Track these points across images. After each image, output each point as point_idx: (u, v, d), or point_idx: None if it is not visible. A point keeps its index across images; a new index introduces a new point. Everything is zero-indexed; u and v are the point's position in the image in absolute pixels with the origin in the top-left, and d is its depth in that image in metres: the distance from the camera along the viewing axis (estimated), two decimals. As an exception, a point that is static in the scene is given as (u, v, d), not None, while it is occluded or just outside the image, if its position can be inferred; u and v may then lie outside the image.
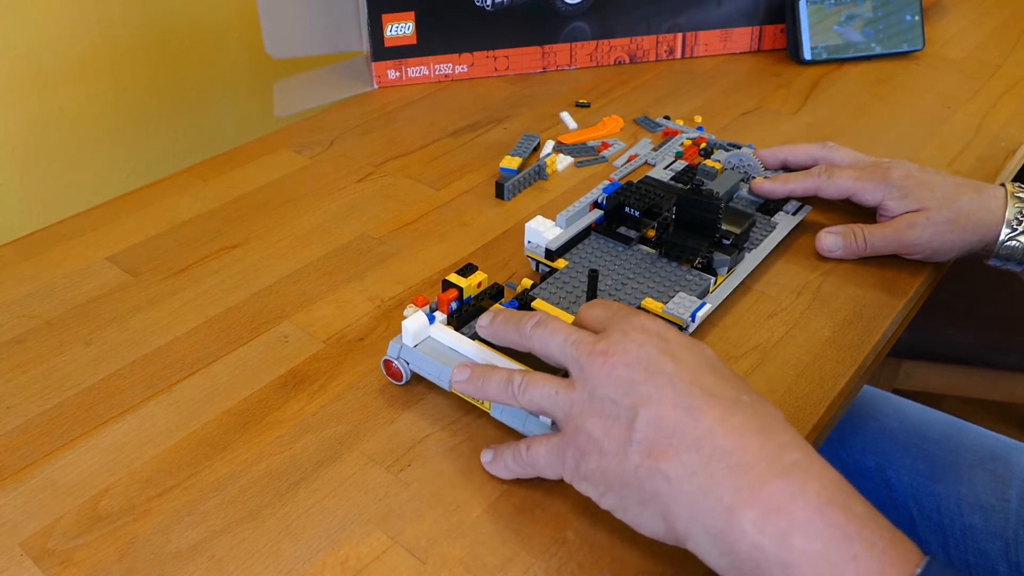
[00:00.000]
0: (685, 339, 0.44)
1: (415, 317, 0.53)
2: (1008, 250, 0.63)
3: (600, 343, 0.43)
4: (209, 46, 1.12)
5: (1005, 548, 0.70)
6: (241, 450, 0.51)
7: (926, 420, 0.79)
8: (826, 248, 0.67)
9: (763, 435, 0.39)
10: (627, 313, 0.45)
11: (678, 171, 0.74)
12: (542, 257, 0.63)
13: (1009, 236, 0.62)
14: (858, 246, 0.66)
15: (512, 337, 0.48)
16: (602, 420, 0.42)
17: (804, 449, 0.39)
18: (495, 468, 0.49)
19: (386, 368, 0.55)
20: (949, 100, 0.93)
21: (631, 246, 0.64)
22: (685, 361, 0.42)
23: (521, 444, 0.47)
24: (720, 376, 0.42)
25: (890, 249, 0.66)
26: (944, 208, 0.64)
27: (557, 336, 0.45)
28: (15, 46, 0.93)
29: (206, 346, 0.59)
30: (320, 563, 0.45)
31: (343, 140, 0.85)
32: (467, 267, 0.58)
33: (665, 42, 1.01)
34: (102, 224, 0.72)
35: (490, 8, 0.93)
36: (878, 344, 0.61)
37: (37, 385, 0.56)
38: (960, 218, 0.63)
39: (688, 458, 0.39)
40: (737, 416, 0.39)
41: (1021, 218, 0.62)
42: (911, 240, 0.64)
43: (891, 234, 0.65)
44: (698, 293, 0.60)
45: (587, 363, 0.43)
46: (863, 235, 0.66)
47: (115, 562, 0.45)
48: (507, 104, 0.92)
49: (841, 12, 1.00)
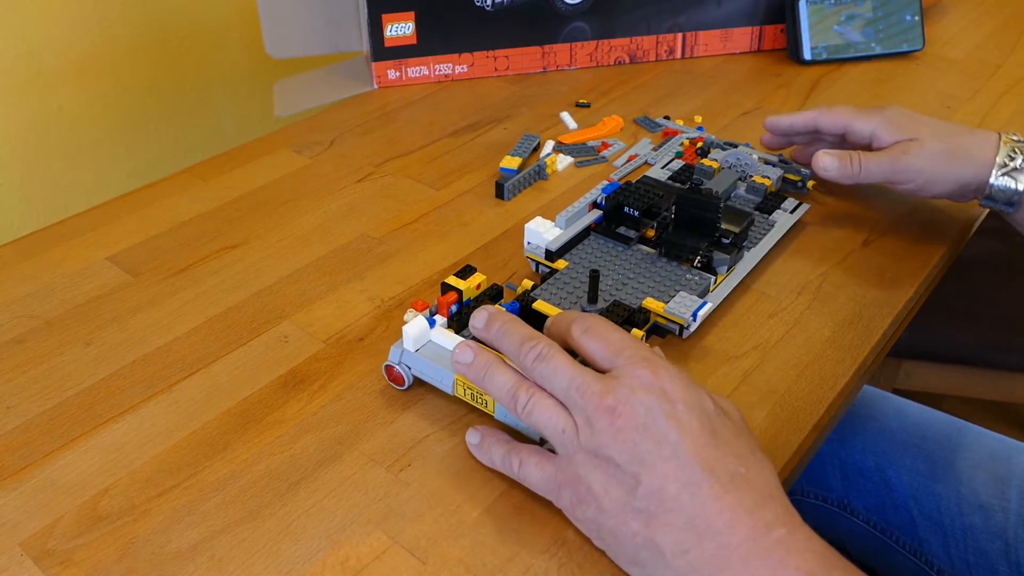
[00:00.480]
0: (689, 395, 0.43)
1: (415, 322, 0.53)
2: (999, 189, 0.64)
3: (607, 397, 0.42)
4: (209, 46, 1.12)
5: (1005, 548, 0.70)
6: (241, 450, 0.51)
7: (926, 420, 0.79)
8: (821, 166, 0.67)
9: (754, 513, 0.40)
10: (632, 359, 0.44)
11: (676, 170, 0.74)
12: (542, 258, 0.63)
13: (1000, 174, 0.64)
14: (853, 169, 0.66)
15: (509, 355, 0.47)
16: (604, 478, 0.42)
17: (791, 523, 0.41)
18: (479, 454, 0.49)
19: (387, 373, 0.55)
20: (949, 100, 0.93)
21: (631, 246, 0.64)
22: (689, 428, 0.42)
23: (513, 455, 0.47)
24: (720, 442, 0.42)
25: (884, 175, 0.66)
26: (937, 140, 0.65)
27: (561, 376, 0.44)
28: (15, 46, 0.93)
29: (206, 346, 0.59)
30: (320, 563, 0.45)
31: (343, 140, 0.85)
32: (465, 269, 0.57)
33: (665, 42, 1.01)
34: (102, 224, 0.72)
35: (490, 8, 0.93)
36: (878, 344, 0.61)
37: (37, 385, 0.56)
38: (955, 150, 0.65)
39: (683, 536, 0.40)
40: (732, 494, 0.40)
41: (1013, 156, 0.64)
42: (905, 165, 0.65)
43: (886, 159, 0.66)
44: (699, 292, 0.60)
45: (594, 417, 0.43)
46: (859, 159, 0.66)
47: (115, 562, 0.45)
48: (507, 104, 0.92)
49: (841, 12, 1.00)
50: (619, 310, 0.56)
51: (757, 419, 0.54)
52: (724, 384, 0.56)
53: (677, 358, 0.58)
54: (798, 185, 0.73)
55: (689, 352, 0.59)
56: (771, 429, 0.53)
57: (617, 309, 0.56)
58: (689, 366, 0.58)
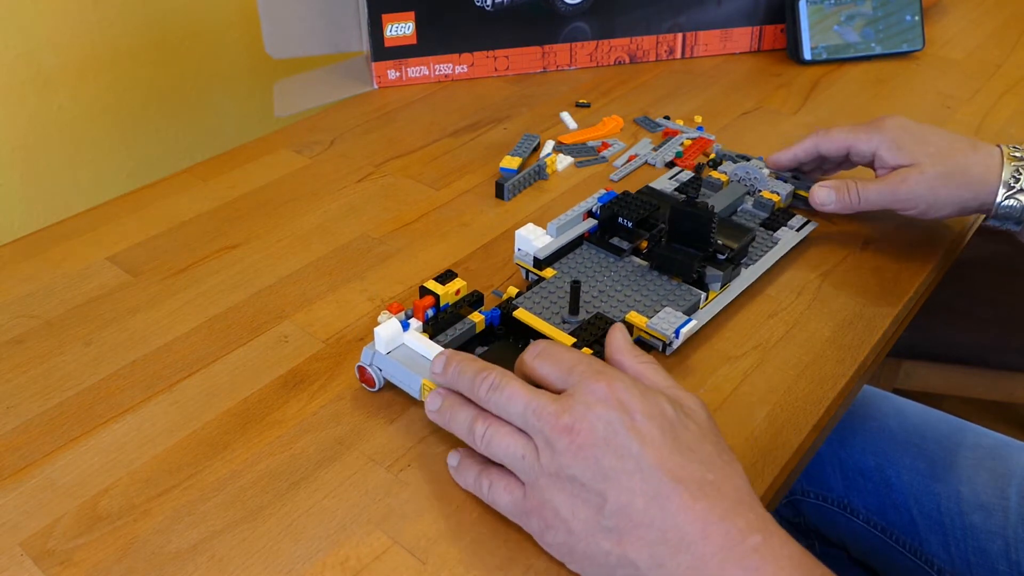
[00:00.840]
0: (648, 405, 0.42)
1: (388, 324, 0.53)
2: (1006, 210, 0.63)
3: (563, 416, 0.42)
4: (209, 46, 1.12)
5: (1005, 547, 0.70)
6: (241, 450, 0.51)
7: (926, 420, 0.79)
8: (819, 201, 0.67)
9: (727, 520, 0.40)
10: (584, 375, 0.43)
11: (684, 181, 0.73)
12: (530, 265, 0.63)
13: (1006, 196, 0.62)
14: (851, 199, 0.66)
15: (466, 392, 0.47)
16: (570, 499, 0.42)
17: (765, 528, 0.40)
18: (456, 476, 0.48)
19: (360, 374, 0.55)
20: (949, 100, 0.93)
21: (623, 257, 0.63)
22: (651, 438, 0.41)
23: (484, 477, 0.46)
24: (685, 449, 0.42)
25: (884, 203, 0.65)
26: (938, 163, 0.63)
27: (516, 403, 0.44)
28: (15, 46, 0.93)
29: (206, 346, 0.59)
30: (320, 563, 0.45)
31: (343, 140, 0.85)
32: (446, 274, 0.57)
33: (665, 42, 1.01)
34: (102, 224, 0.72)
35: (490, 8, 0.93)
36: (878, 344, 0.61)
37: (37, 385, 0.56)
38: (956, 173, 0.63)
39: (657, 550, 0.40)
40: (702, 503, 0.40)
41: (1018, 176, 0.62)
42: (905, 194, 0.64)
43: (885, 188, 0.65)
44: (686, 308, 0.58)
45: (553, 438, 0.42)
46: (856, 189, 0.66)
47: (115, 562, 0.45)
48: (507, 104, 0.92)
49: (841, 12, 1.00)
50: (600, 323, 0.55)
51: (757, 419, 0.54)
52: (724, 384, 0.56)
53: (677, 358, 0.58)
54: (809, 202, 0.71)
55: (689, 353, 0.59)
56: (771, 429, 0.53)
57: (598, 322, 0.55)
58: (689, 366, 0.58)
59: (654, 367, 0.47)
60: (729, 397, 0.55)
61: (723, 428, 0.53)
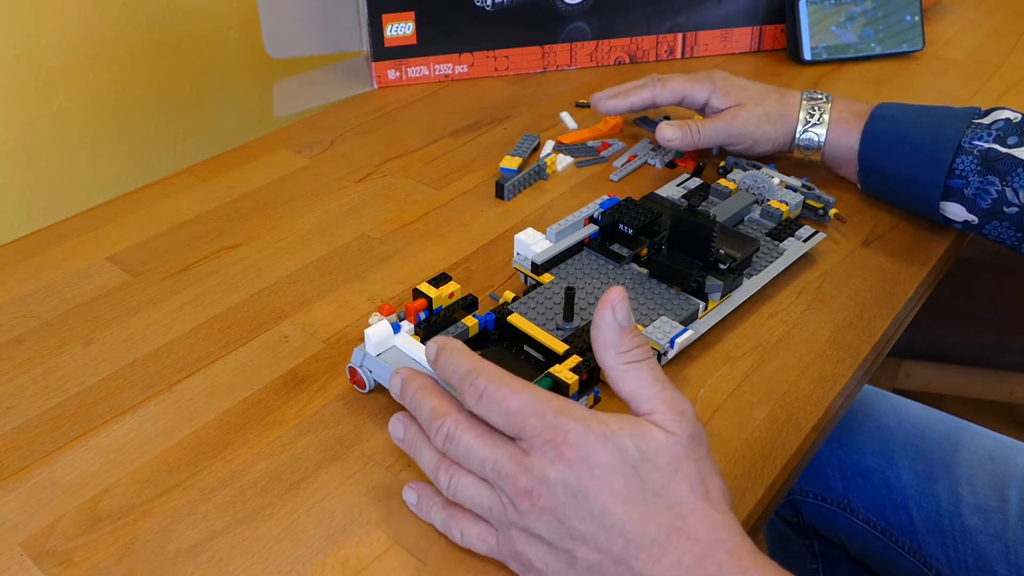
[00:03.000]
0: (606, 454, 0.40)
1: (378, 326, 0.53)
2: (805, 142, 0.75)
3: (521, 479, 0.41)
4: (209, 46, 1.12)
5: (1004, 549, 0.70)
6: (241, 450, 0.51)
7: (926, 420, 0.79)
8: (665, 138, 0.76)
9: (696, 570, 0.39)
10: (535, 432, 0.41)
11: (691, 189, 0.72)
12: (528, 270, 0.62)
13: (803, 131, 0.74)
14: (693, 136, 0.75)
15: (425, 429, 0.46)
16: (542, 553, 0.41)
17: (739, 568, 0.39)
18: (418, 514, 0.47)
19: (351, 375, 0.55)
20: (949, 100, 0.93)
21: (623, 264, 0.63)
22: (613, 491, 0.40)
23: (453, 525, 0.45)
24: (651, 495, 0.40)
25: (720, 139, 0.75)
26: (757, 105, 0.75)
27: (473, 458, 0.43)
28: (15, 46, 0.93)
29: (206, 346, 0.59)
30: (320, 563, 0.45)
31: (343, 140, 0.85)
32: (440, 277, 0.57)
33: (665, 42, 1.01)
34: (102, 224, 0.72)
35: (490, 8, 0.93)
36: (878, 344, 0.61)
37: (37, 385, 0.56)
38: (771, 113, 0.75)
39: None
40: (671, 555, 0.39)
41: (812, 113, 0.74)
42: (737, 129, 0.74)
43: (720, 124, 0.75)
44: (683, 318, 0.58)
45: (515, 499, 0.41)
46: (697, 128, 0.75)
47: (115, 562, 0.45)
48: (507, 104, 0.92)
49: (841, 12, 1.00)
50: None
51: (757, 419, 0.54)
52: (724, 384, 0.56)
53: (677, 357, 0.58)
54: (819, 213, 0.70)
55: (689, 353, 0.59)
56: (771, 429, 0.53)
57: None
58: (689, 366, 0.58)
59: (638, 369, 0.43)
60: (729, 397, 0.55)
61: (723, 428, 0.53)
